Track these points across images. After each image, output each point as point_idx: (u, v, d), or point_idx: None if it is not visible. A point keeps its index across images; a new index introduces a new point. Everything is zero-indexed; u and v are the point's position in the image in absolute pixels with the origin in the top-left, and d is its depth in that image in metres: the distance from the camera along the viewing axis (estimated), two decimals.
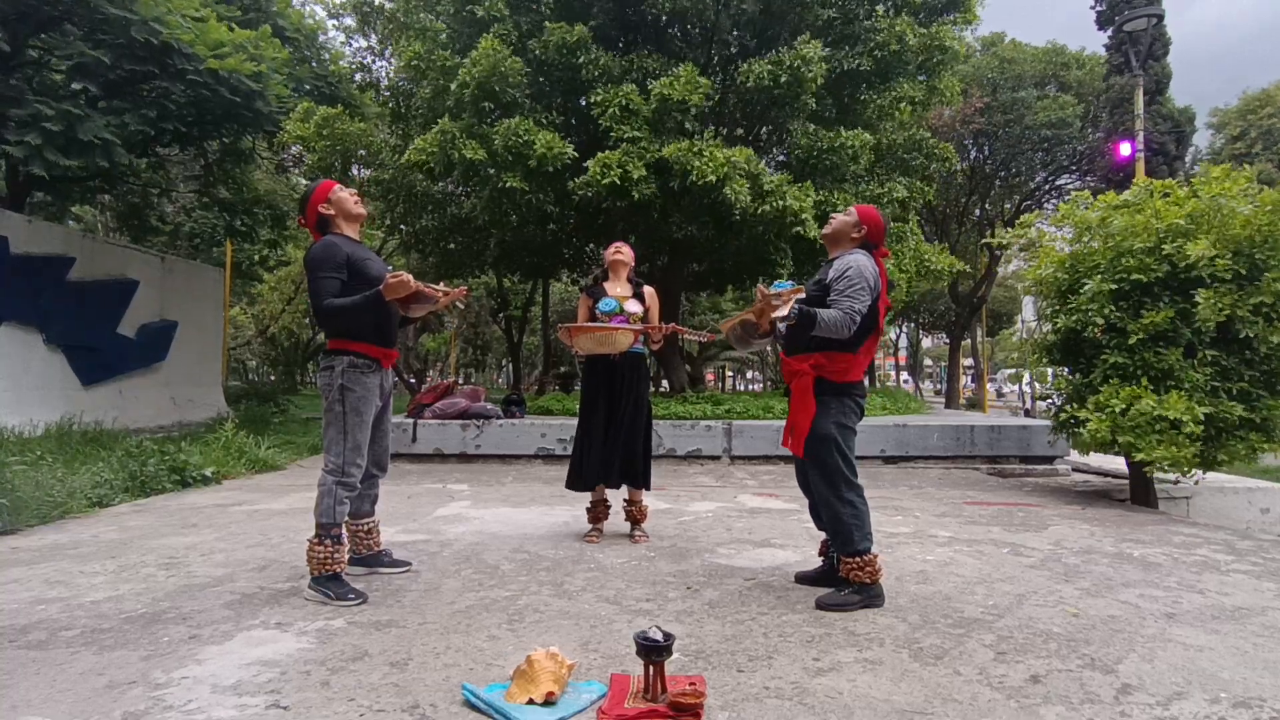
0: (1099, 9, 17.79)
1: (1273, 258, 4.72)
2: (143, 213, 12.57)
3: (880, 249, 2.96)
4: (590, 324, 3.66)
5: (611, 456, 3.75)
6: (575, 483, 3.86)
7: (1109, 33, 17.34)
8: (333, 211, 2.95)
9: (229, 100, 8.03)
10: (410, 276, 2.75)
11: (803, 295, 2.79)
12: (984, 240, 8.07)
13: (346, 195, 2.99)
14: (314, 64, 10.51)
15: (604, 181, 7.38)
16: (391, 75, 10.40)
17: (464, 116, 7.80)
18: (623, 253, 3.94)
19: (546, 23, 8.05)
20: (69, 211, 14.02)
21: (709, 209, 8.23)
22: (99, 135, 7.17)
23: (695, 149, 7.41)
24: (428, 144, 7.61)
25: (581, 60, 8.04)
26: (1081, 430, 5.16)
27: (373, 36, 10.69)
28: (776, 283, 2.94)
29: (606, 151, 7.61)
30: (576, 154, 7.69)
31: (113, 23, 7.16)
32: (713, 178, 7.28)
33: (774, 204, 7.65)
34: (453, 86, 7.59)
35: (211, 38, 7.66)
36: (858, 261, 2.80)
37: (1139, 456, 4.77)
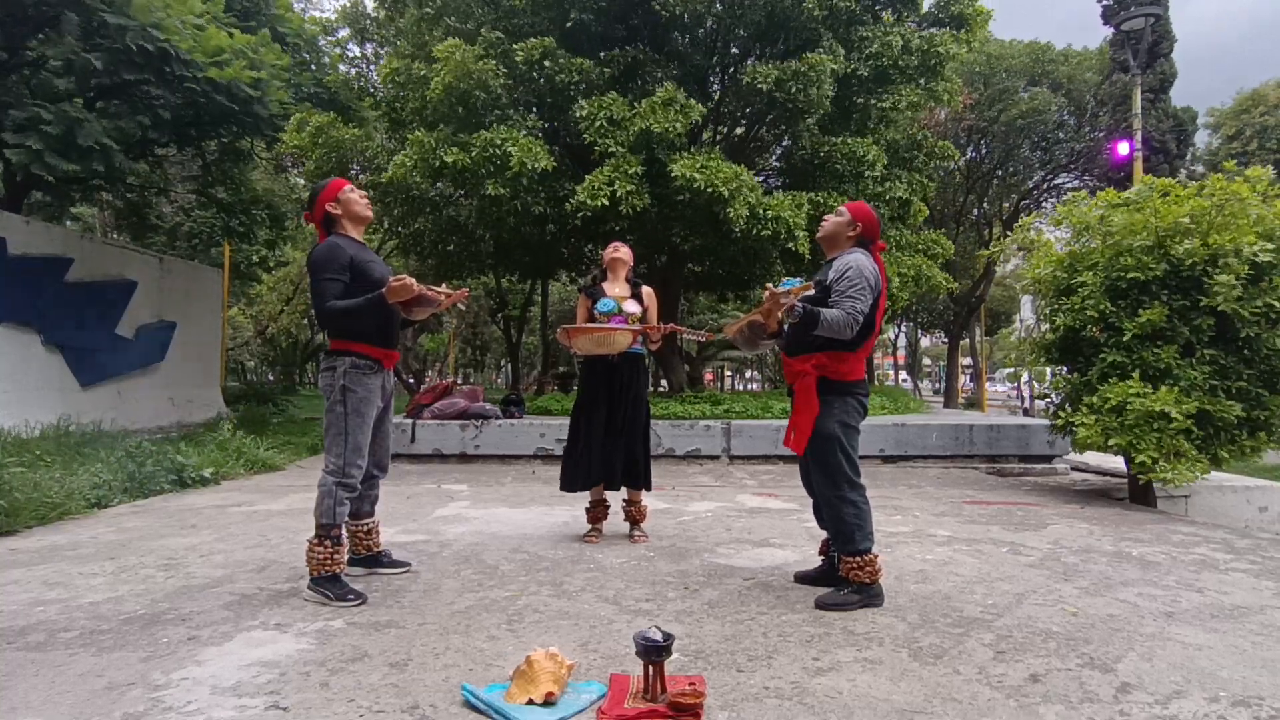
0: (1105, 3, 17.76)
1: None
2: (141, 211, 12.55)
3: (877, 244, 2.97)
4: (589, 325, 3.66)
5: (612, 457, 3.74)
6: (570, 484, 3.80)
7: (1112, 30, 17.31)
8: (339, 211, 2.94)
9: (227, 108, 8.00)
10: (413, 280, 2.75)
11: (811, 291, 2.79)
12: (987, 253, 8.09)
13: (355, 196, 2.99)
14: (313, 67, 10.49)
15: (595, 204, 7.39)
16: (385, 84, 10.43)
17: (442, 126, 7.79)
18: (621, 252, 3.94)
19: (482, 29, 7.93)
20: (68, 211, 14.01)
21: (707, 220, 8.24)
22: (98, 140, 7.14)
23: (698, 164, 7.41)
24: (407, 158, 7.62)
25: (555, 70, 7.94)
26: (1077, 431, 5.18)
27: (368, 46, 10.69)
28: (785, 281, 2.93)
29: (595, 171, 7.59)
30: (554, 164, 7.65)
31: (109, 28, 7.10)
32: (725, 190, 7.26)
33: (770, 227, 7.68)
34: (426, 95, 7.59)
35: (211, 44, 7.60)
36: (857, 261, 2.81)
37: (1140, 459, 4.78)
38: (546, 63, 7.92)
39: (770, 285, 2.89)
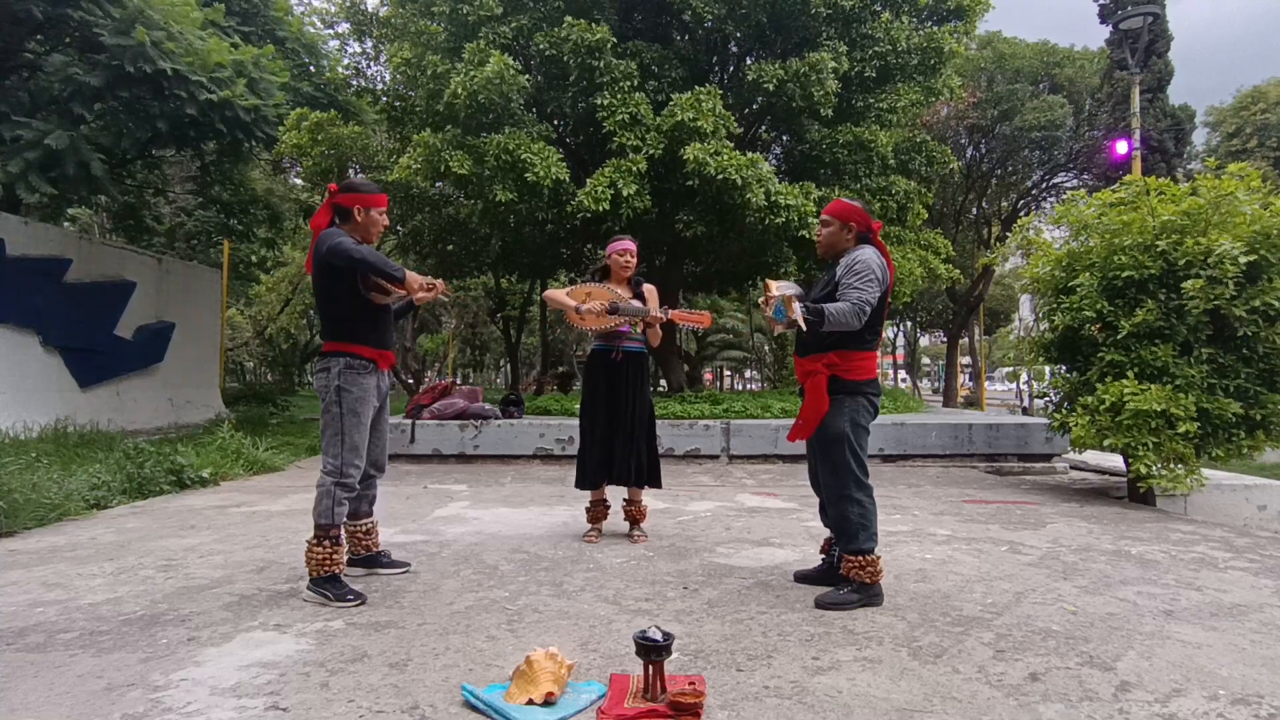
0: (1102, 1, 17.76)
1: (1273, 254, 4.71)
2: (139, 212, 12.54)
3: (875, 232, 2.96)
4: (589, 315, 3.66)
5: (611, 455, 3.75)
6: (581, 482, 3.88)
7: (1110, 28, 17.29)
8: (360, 219, 2.92)
9: (218, 127, 7.98)
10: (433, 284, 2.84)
11: (798, 292, 2.78)
12: (988, 260, 8.06)
13: (382, 221, 2.99)
14: (312, 69, 10.46)
15: (596, 208, 7.36)
16: (387, 81, 10.38)
17: (449, 128, 7.72)
18: (626, 256, 3.89)
19: (567, 17, 7.80)
20: (64, 212, 13.98)
21: (716, 208, 8.17)
22: (82, 159, 7.06)
23: (711, 150, 7.38)
24: (413, 160, 7.57)
25: (598, 64, 7.85)
26: (1072, 430, 5.20)
27: (368, 42, 10.66)
28: (776, 298, 2.86)
29: (595, 174, 7.53)
30: (568, 175, 7.61)
31: (109, 49, 7.01)
32: (737, 178, 7.21)
33: (783, 215, 7.65)
34: (445, 96, 7.52)
35: (211, 60, 7.49)
36: (865, 256, 2.83)
37: (1137, 467, 4.79)
38: (597, 57, 7.78)
39: (768, 280, 2.88)
